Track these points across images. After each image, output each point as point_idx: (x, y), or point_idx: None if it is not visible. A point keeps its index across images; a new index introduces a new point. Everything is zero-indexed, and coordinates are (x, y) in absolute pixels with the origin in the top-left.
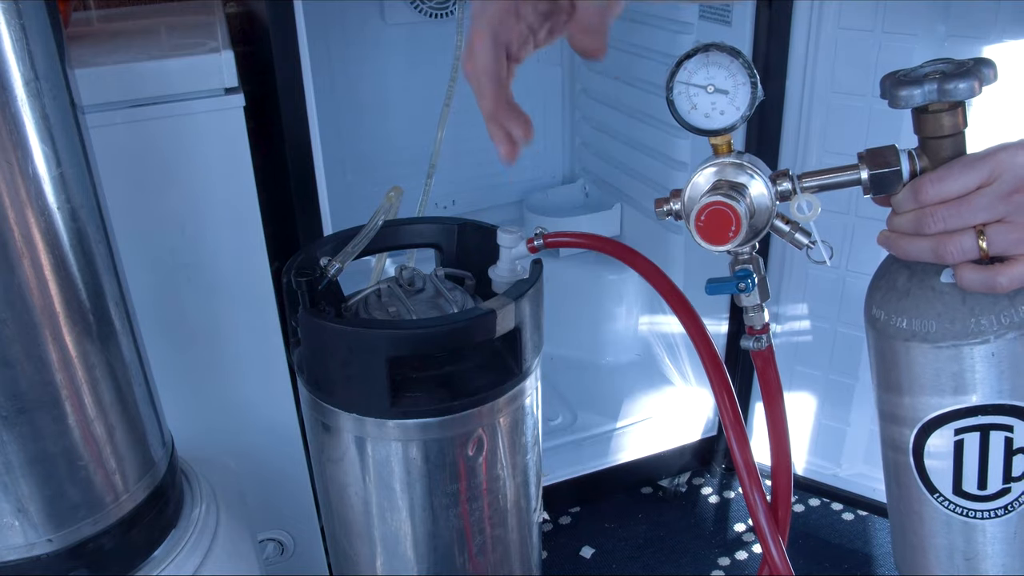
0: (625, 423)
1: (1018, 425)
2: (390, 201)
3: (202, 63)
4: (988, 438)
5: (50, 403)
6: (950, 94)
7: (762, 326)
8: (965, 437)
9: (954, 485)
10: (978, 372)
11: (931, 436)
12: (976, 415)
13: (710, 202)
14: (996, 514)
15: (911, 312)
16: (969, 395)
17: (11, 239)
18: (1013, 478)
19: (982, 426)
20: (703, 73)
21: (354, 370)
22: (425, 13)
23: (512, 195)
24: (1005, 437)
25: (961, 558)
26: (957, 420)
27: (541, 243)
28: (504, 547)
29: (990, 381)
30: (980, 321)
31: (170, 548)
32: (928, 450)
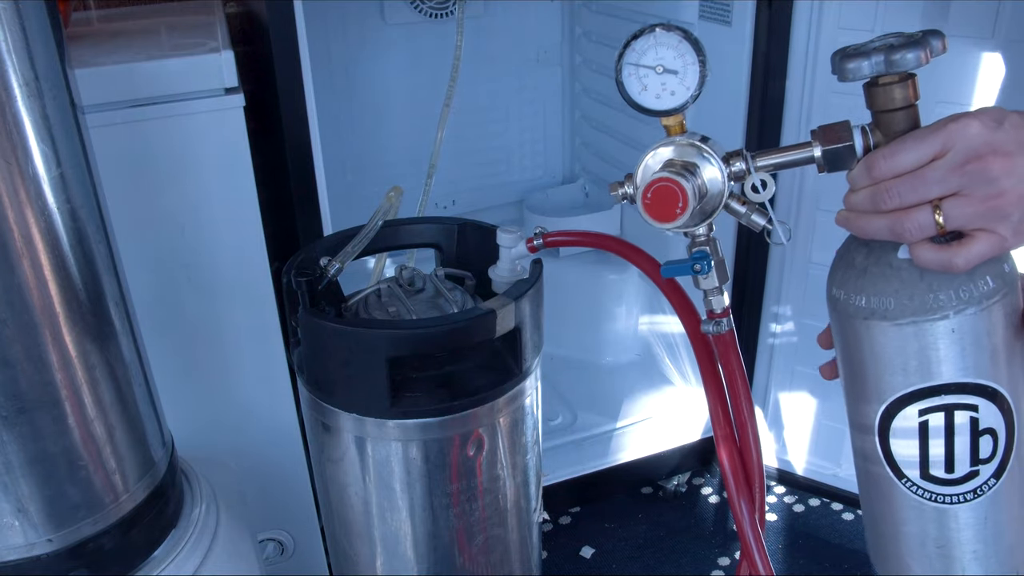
0: (625, 423)
1: (983, 404)
2: (390, 201)
3: (202, 63)
4: (953, 418)
5: (50, 403)
6: (898, 65)
7: (722, 310)
8: (929, 418)
9: (921, 469)
10: (939, 349)
11: (896, 418)
12: (939, 394)
13: (657, 178)
14: (965, 498)
15: (869, 290)
16: (931, 374)
17: (11, 239)
18: (981, 460)
19: (946, 406)
20: (652, 54)
21: (354, 370)
22: (425, 13)
23: (512, 195)
24: (970, 417)
25: (933, 546)
26: (920, 400)
27: (541, 243)
28: (504, 547)
29: (952, 359)
30: (939, 297)
31: (170, 548)
32: (894, 433)
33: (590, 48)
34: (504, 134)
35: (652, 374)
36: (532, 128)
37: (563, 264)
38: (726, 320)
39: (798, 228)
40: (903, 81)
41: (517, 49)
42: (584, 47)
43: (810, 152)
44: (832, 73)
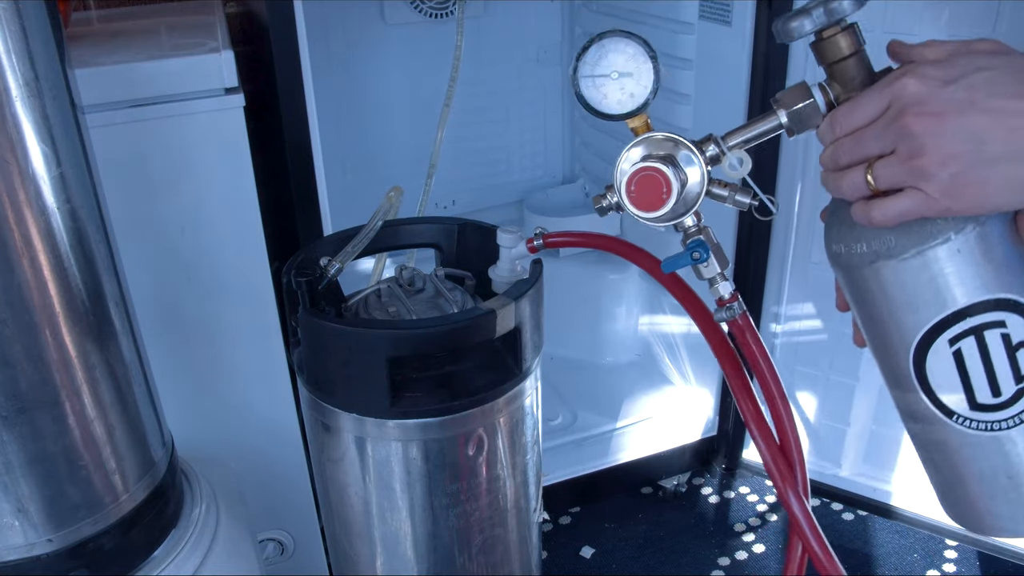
0: (625, 423)
1: (1009, 318)
2: (390, 201)
3: (202, 63)
4: (984, 339)
5: (50, 403)
6: (836, 12)
7: (730, 295)
8: (961, 345)
9: (969, 400)
10: (950, 274)
11: (928, 357)
12: (963, 318)
13: (638, 170)
14: (1021, 419)
15: (867, 234)
16: (949, 300)
17: (11, 239)
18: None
19: (973, 328)
20: (604, 62)
21: (354, 370)
22: (425, 13)
23: (512, 195)
24: (1001, 334)
25: (1004, 477)
26: (946, 329)
27: (541, 243)
28: (504, 547)
29: (965, 280)
30: (935, 222)
31: (170, 548)
32: (931, 373)
33: None
34: (504, 134)
35: (652, 374)
36: (532, 128)
37: (563, 264)
38: (736, 304)
39: (798, 228)
40: (846, 30)
41: (517, 49)
42: None
43: (776, 119)
44: (778, 43)
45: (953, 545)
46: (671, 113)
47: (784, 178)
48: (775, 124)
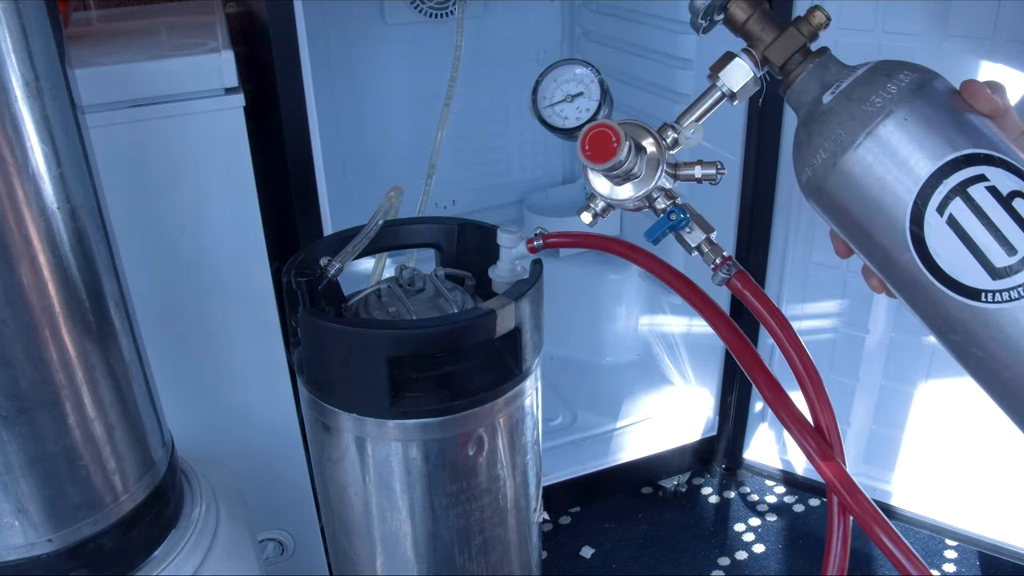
0: (625, 423)
1: (987, 171)
2: (390, 201)
3: (202, 63)
4: (971, 196)
5: (50, 403)
6: None
7: (722, 258)
8: (951, 209)
9: (987, 269)
10: (907, 143)
11: (925, 235)
12: (939, 181)
13: (587, 130)
14: None
15: (821, 140)
16: (917, 169)
17: (11, 239)
18: None
19: (954, 188)
20: (558, 91)
21: (354, 370)
22: (425, 13)
23: (512, 195)
24: (986, 187)
25: None
26: (929, 199)
27: (541, 243)
28: (504, 547)
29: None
30: (873, 101)
31: (170, 548)
32: (936, 254)
33: (590, 48)
34: (504, 134)
35: (652, 374)
36: (532, 128)
37: (563, 264)
38: (730, 263)
39: (798, 228)
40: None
41: (517, 49)
42: (584, 47)
43: (718, 91)
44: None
45: (953, 545)
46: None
47: (784, 178)
48: (719, 94)
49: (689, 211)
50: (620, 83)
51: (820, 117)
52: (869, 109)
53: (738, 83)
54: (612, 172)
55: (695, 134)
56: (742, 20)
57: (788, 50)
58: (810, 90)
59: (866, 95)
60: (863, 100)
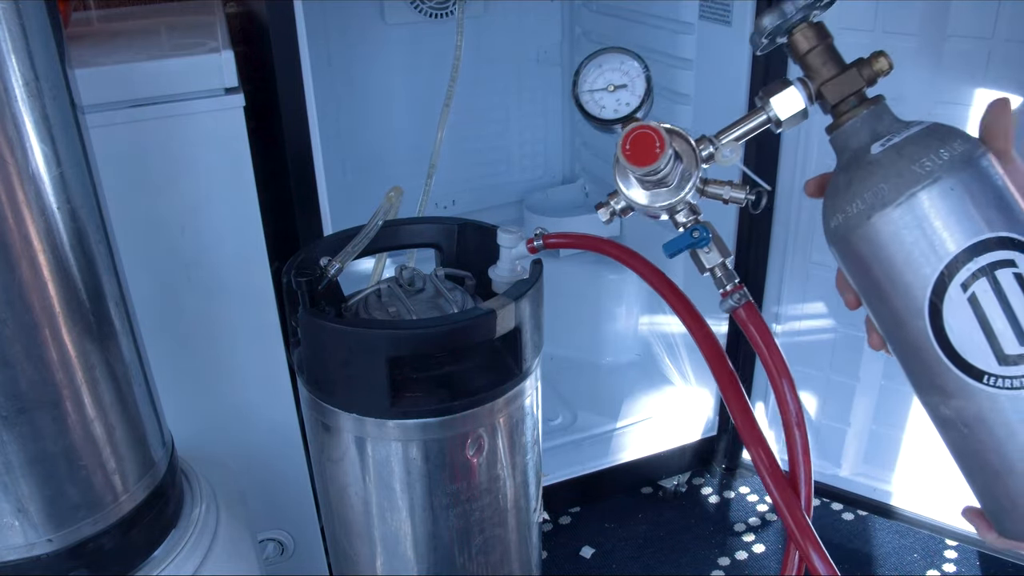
0: (625, 423)
1: (1018, 257)
2: (390, 201)
3: (202, 63)
4: (997, 280)
5: (50, 403)
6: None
7: (734, 285)
8: (975, 288)
9: (996, 353)
10: (946, 213)
11: (943, 309)
12: (970, 259)
13: (632, 128)
14: None
15: (859, 191)
16: (951, 241)
17: (11, 239)
18: None
19: (983, 268)
20: (601, 78)
21: (354, 370)
22: (425, 13)
23: (512, 195)
24: (1013, 273)
25: None
26: (956, 274)
27: (541, 243)
28: (504, 547)
29: (962, 218)
30: (924, 163)
31: (170, 548)
32: (949, 328)
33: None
34: (504, 134)
35: (652, 374)
36: (532, 128)
37: (563, 264)
38: (742, 292)
39: (799, 229)
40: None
41: (517, 49)
42: (584, 47)
43: (764, 115)
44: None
45: (953, 545)
46: (671, 113)
47: (784, 178)
48: (763, 119)
49: (711, 230)
50: None
51: (865, 166)
52: (918, 171)
53: (787, 112)
54: (646, 176)
55: (733, 153)
56: (805, 50)
57: (845, 91)
58: (859, 136)
59: (917, 156)
60: (913, 160)
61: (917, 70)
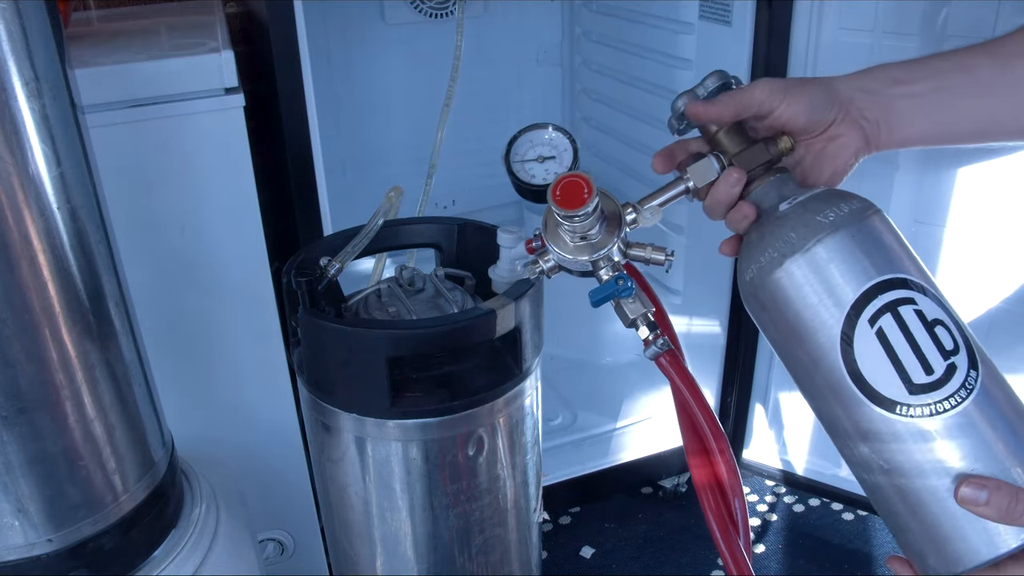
0: (625, 423)
1: (918, 297)
2: (390, 201)
3: (202, 63)
4: (900, 315)
5: (50, 403)
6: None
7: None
8: (881, 323)
9: (905, 383)
10: (854, 257)
11: (854, 340)
12: (876, 296)
13: (565, 175)
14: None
15: (771, 242)
16: (858, 281)
17: (11, 239)
18: (948, 351)
19: (888, 304)
20: (532, 151)
21: (354, 370)
22: (425, 13)
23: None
24: (914, 310)
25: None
26: (864, 307)
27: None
28: (504, 547)
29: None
30: (827, 214)
31: (170, 548)
32: (860, 361)
33: (590, 48)
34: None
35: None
36: None
37: None
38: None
39: None
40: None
41: (517, 49)
42: (584, 47)
43: (683, 184)
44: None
45: None
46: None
47: None
48: (682, 188)
49: (638, 282)
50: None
51: (774, 221)
52: (822, 220)
53: (703, 180)
54: (574, 224)
55: (653, 216)
56: (714, 131)
57: (754, 162)
58: (768, 198)
59: (821, 208)
60: (818, 212)
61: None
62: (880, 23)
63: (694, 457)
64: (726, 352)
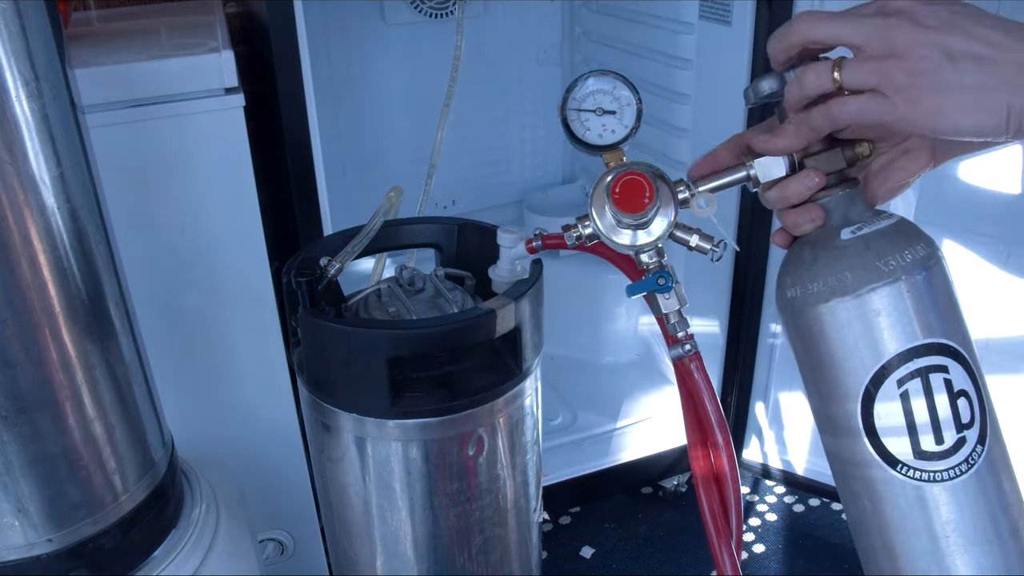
0: (625, 423)
1: (951, 364)
2: (390, 201)
3: (202, 63)
4: (929, 382)
5: (50, 403)
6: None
7: (686, 334)
8: (908, 386)
9: (914, 447)
10: (898, 314)
11: (877, 398)
12: (911, 359)
13: (624, 172)
14: (960, 471)
15: (823, 273)
16: (897, 340)
17: (11, 239)
18: (964, 425)
19: (920, 370)
20: (591, 99)
21: (354, 370)
22: (425, 13)
23: (512, 195)
24: (944, 379)
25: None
26: (895, 370)
27: (540, 244)
28: (504, 547)
29: (910, 321)
30: (888, 261)
31: (170, 548)
32: (878, 416)
33: (590, 48)
34: (504, 134)
35: (652, 374)
36: (532, 128)
37: (563, 264)
38: (691, 343)
39: None
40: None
41: (517, 49)
42: (584, 47)
43: (744, 172)
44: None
45: None
46: (671, 113)
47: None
48: (743, 175)
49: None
50: None
51: (832, 249)
52: (882, 268)
53: (767, 176)
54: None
55: (708, 205)
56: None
57: (830, 167)
58: (832, 216)
59: (883, 252)
60: (879, 256)
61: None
62: None
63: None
64: (726, 352)
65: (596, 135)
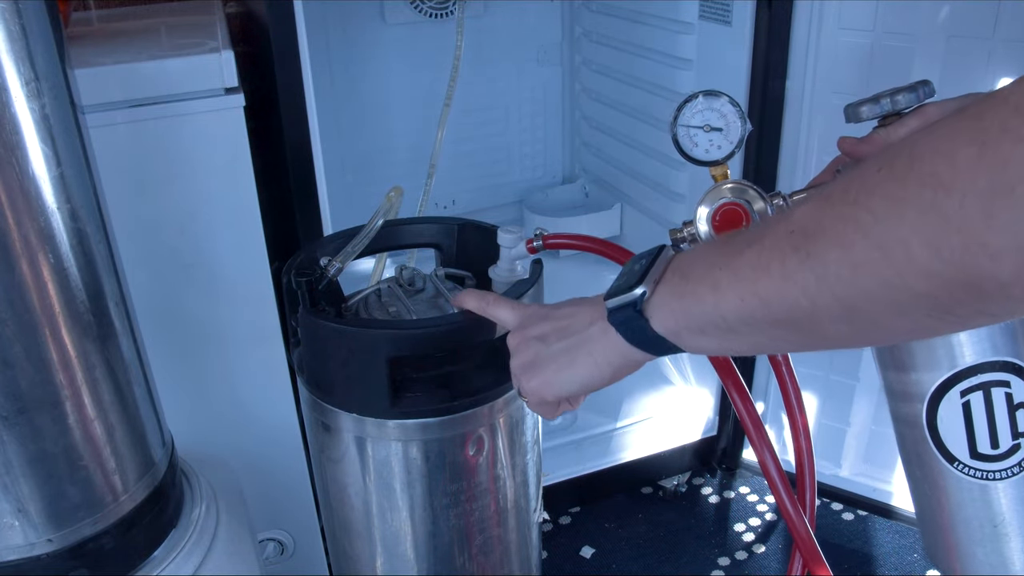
0: (625, 423)
1: (1013, 380)
2: (390, 201)
3: (202, 63)
4: (991, 395)
5: (50, 403)
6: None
7: None
8: (971, 397)
9: (970, 449)
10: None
11: (940, 405)
12: (976, 374)
13: (724, 203)
14: (1012, 472)
15: None
16: (966, 355)
17: (11, 239)
18: (1020, 432)
19: (983, 384)
20: (699, 116)
21: (354, 370)
22: (425, 13)
23: (512, 195)
24: (1005, 393)
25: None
26: (961, 382)
27: (540, 244)
28: (504, 547)
29: (980, 339)
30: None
31: (170, 548)
32: (940, 419)
33: (590, 48)
34: (504, 134)
35: (652, 374)
36: (532, 128)
37: (563, 264)
38: None
39: None
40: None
41: (517, 49)
42: (584, 47)
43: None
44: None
45: None
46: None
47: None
48: None
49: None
50: (620, 83)
51: None
52: None
53: None
54: None
55: None
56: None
57: None
58: None
59: None
60: None
61: (917, 70)
62: (880, 23)
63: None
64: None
65: (703, 151)
